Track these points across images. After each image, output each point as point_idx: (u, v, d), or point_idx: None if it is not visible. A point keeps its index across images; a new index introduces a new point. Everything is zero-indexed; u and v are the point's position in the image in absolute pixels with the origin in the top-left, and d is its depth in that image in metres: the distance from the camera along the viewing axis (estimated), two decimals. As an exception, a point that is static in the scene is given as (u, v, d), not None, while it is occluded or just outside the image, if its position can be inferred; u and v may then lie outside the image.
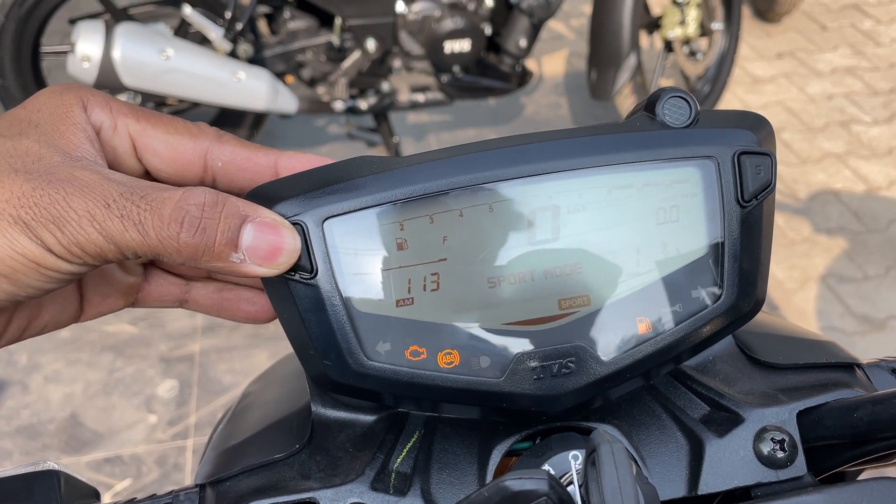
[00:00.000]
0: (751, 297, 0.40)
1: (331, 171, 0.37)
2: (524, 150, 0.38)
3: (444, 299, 0.38)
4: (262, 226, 0.34)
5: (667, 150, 0.38)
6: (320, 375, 0.38)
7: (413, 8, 2.28)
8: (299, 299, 0.37)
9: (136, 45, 2.09)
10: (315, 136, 2.89)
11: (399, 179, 0.36)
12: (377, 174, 0.37)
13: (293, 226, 0.36)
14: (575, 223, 0.38)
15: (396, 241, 0.37)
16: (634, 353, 0.39)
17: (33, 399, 1.96)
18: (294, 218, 0.36)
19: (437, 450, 0.42)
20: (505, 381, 0.38)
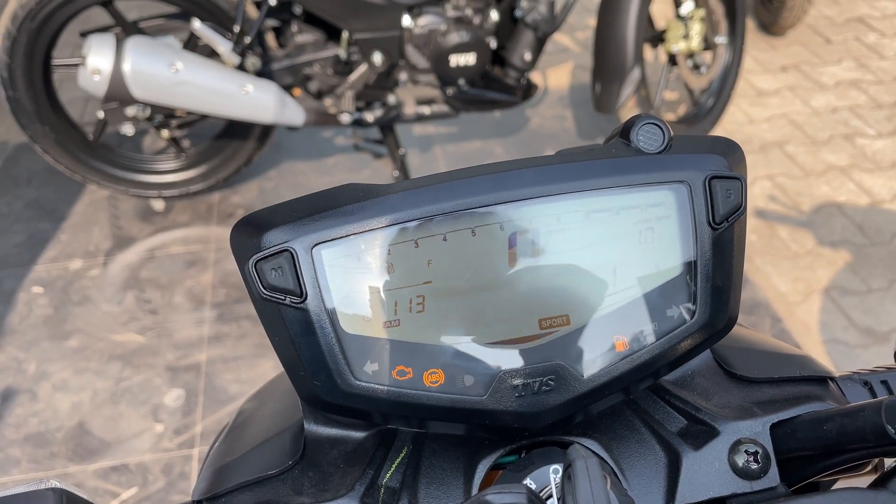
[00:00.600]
0: (724, 315, 0.42)
1: (319, 199, 0.39)
2: (504, 177, 0.40)
3: (430, 320, 0.39)
4: None
5: (641, 175, 0.40)
6: (311, 395, 0.40)
7: (419, 22, 2.31)
8: (289, 323, 0.38)
9: (146, 59, 2.12)
10: (322, 148, 2.92)
11: (385, 206, 0.38)
12: (364, 201, 0.39)
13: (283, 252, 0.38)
14: (554, 246, 0.40)
15: (383, 265, 0.39)
16: (612, 371, 0.41)
17: (41, 407, 1.99)
18: (284, 245, 0.38)
19: (424, 465, 0.44)
20: (488, 399, 0.40)
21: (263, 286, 0.38)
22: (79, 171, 2.45)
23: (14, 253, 2.46)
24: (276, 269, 0.38)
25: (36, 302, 2.29)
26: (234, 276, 2.35)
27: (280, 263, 0.38)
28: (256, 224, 0.39)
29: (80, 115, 3.02)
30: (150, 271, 2.39)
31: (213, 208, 2.63)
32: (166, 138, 2.49)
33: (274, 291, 0.38)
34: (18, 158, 2.86)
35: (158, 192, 2.57)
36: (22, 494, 0.42)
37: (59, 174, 2.73)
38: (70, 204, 2.66)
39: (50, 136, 2.35)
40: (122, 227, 2.56)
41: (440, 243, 0.39)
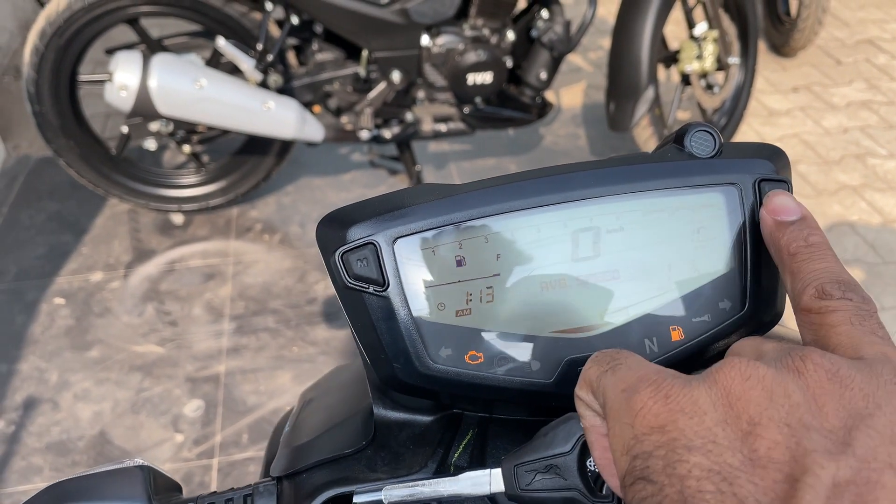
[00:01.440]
0: (771, 309, 0.45)
1: (398, 197, 0.43)
2: (568, 178, 0.43)
3: (498, 310, 0.42)
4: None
5: (695, 178, 0.43)
6: (390, 377, 0.43)
7: (437, 41, 2.35)
8: (372, 310, 0.42)
9: (171, 75, 2.17)
10: (339, 164, 2.96)
11: (458, 204, 0.42)
12: (439, 199, 0.42)
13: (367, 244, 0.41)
14: (614, 242, 0.43)
15: (456, 258, 0.42)
16: (669, 358, 0.43)
17: (63, 416, 2.01)
18: (367, 238, 0.41)
19: (490, 446, 0.47)
20: (554, 384, 0.43)
21: (349, 276, 0.41)
22: (101, 184, 2.49)
23: (36, 265, 2.49)
24: (361, 259, 0.41)
25: (58, 313, 2.32)
26: (252, 289, 2.39)
27: (365, 255, 0.41)
28: (341, 219, 0.42)
29: (102, 130, 3.07)
30: (170, 284, 2.42)
31: (232, 223, 2.67)
32: (187, 153, 2.53)
33: (358, 281, 0.41)
34: (41, 172, 2.91)
35: (178, 206, 2.61)
36: (112, 471, 0.45)
37: (79, 187, 2.77)
38: (91, 217, 2.70)
39: (74, 151, 2.40)
40: (143, 241, 2.60)
41: (508, 239, 0.42)
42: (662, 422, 0.29)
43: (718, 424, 0.28)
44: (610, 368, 0.33)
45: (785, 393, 0.28)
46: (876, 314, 0.34)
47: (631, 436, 0.29)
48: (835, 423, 0.27)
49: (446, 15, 2.30)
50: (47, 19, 2.15)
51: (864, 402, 0.27)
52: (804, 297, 0.35)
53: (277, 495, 0.47)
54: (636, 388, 0.30)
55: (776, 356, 0.30)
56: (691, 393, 0.29)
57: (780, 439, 0.27)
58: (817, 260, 0.37)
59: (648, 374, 0.31)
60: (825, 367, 0.29)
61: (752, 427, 0.27)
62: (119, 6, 2.16)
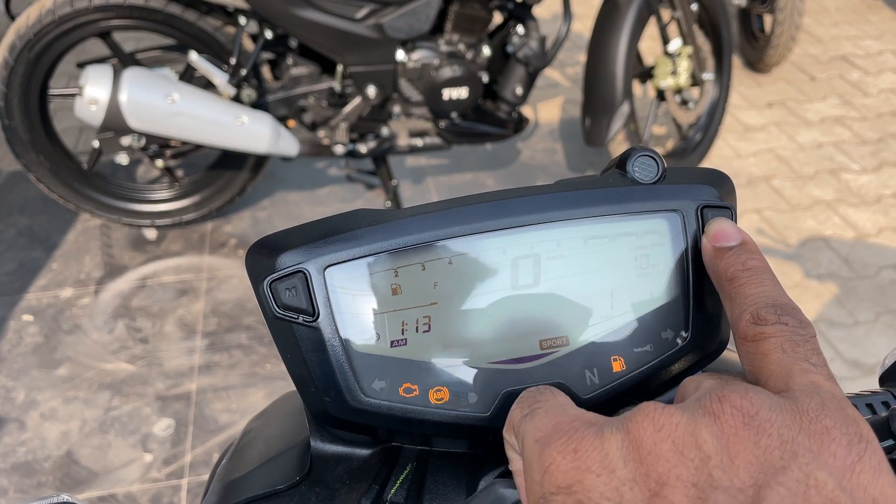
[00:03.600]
0: (715, 338, 0.44)
1: (331, 223, 0.41)
2: (508, 204, 0.42)
3: (435, 340, 0.41)
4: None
5: (636, 204, 0.42)
6: (321, 411, 0.42)
7: (413, 56, 2.35)
8: (302, 341, 0.40)
9: (142, 89, 2.15)
10: (315, 179, 2.94)
11: (394, 230, 0.40)
12: (373, 225, 0.40)
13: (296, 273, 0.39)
14: (554, 270, 0.42)
15: (391, 286, 0.40)
16: (609, 390, 0.42)
17: (29, 436, 1.97)
18: (297, 266, 0.39)
19: (428, 481, 0.45)
20: (491, 416, 0.41)
21: (277, 305, 0.40)
22: (72, 199, 2.46)
23: (5, 281, 2.45)
24: (290, 289, 0.39)
25: (26, 330, 2.28)
26: (225, 306, 2.36)
27: (294, 284, 0.39)
28: (271, 246, 0.40)
29: (75, 145, 3.03)
30: (142, 300, 2.39)
31: (206, 238, 2.64)
32: (160, 168, 2.51)
33: (287, 311, 0.40)
34: (11, 187, 2.87)
35: (151, 222, 2.58)
36: None
37: (52, 202, 2.74)
38: (62, 232, 2.66)
39: (44, 165, 2.37)
40: (114, 256, 2.56)
41: (446, 266, 0.41)
42: (570, 481, 0.27)
43: (626, 484, 0.27)
44: (530, 412, 0.32)
45: (696, 444, 0.27)
46: (813, 339, 0.33)
47: (539, 494, 0.28)
48: (745, 480, 0.26)
49: (421, 30, 2.30)
50: (17, 33, 2.13)
51: (780, 452, 0.26)
52: (741, 323, 0.35)
53: None
54: (548, 441, 0.29)
55: (698, 397, 0.29)
56: (602, 446, 0.28)
57: (687, 503, 0.25)
58: (754, 284, 0.36)
59: (562, 424, 0.30)
60: (743, 411, 0.28)
61: (660, 487, 0.26)
62: (90, 20, 2.14)
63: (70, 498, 0.44)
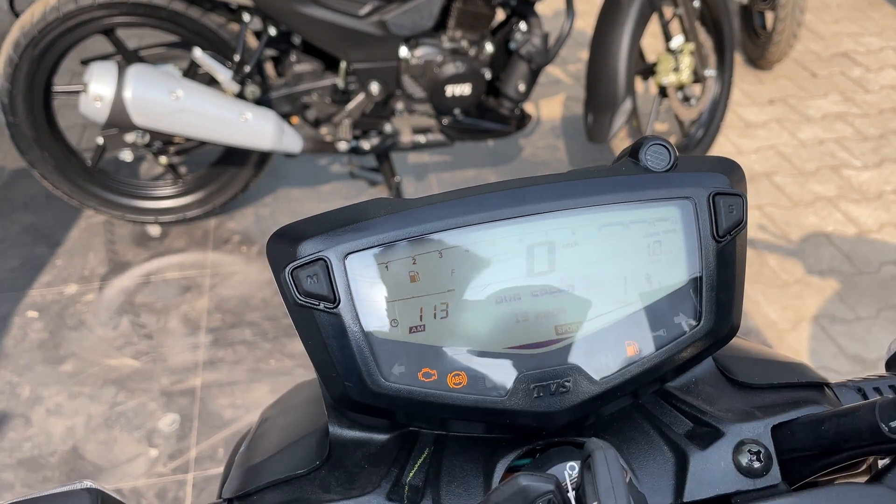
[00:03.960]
0: (727, 323, 0.45)
1: (351, 212, 0.42)
2: (523, 192, 0.42)
3: (453, 326, 0.42)
4: None
5: (649, 192, 0.43)
6: (342, 396, 0.42)
7: (416, 53, 2.36)
8: (323, 327, 0.41)
9: (147, 86, 2.16)
10: (318, 175, 2.95)
11: (412, 219, 0.41)
12: (392, 214, 0.41)
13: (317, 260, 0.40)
14: (569, 257, 0.43)
15: (409, 273, 0.41)
16: (623, 374, 0.43)
17: (35, 432, 1.98)
18: (318, 254, 0.40)
19: (446, 465, 0.46)
20: (508, 400, 0.42)
21: (299, 292, 0.41)
22: (76, 196, 2.47)
23: (9, 277, 2.46)
24: (311, 276, 0.40)
25: (31, 326, 2.29)
26: (229, 302, 2.37)
27: (315, 271, 0.40)
28: (292, 235, 0.41)
29: (78, 142, 3.04)
30: (146, 296, 2.40)
31: (210, 234, 2.65)
32: (164, 164, 2.51)
33: (309, 297, 0.40)
34: (15, 183, 2.88)
35: (155, 218, 2.58)
36: (58, 494, 0.44)
37: (55, 199, 2.75)
38: (66, 229, 2.67)
39: (49, 162, 2.38)
40: (118, 253, 2.57)
41: (463, 253, 0.42)
42: None
43: None
44: None
45: None
46: None
47: None
48: None
49: (424, 27, 2.31)
50: (21, 30, 2.13)
51: None
52: None
53: None
54: None
55: None
56: None
57: None
58: None
59: None
60: None
61: None
62: (94, 17, 2.15)
63: (93, 484, 0.45)
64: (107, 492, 0.46)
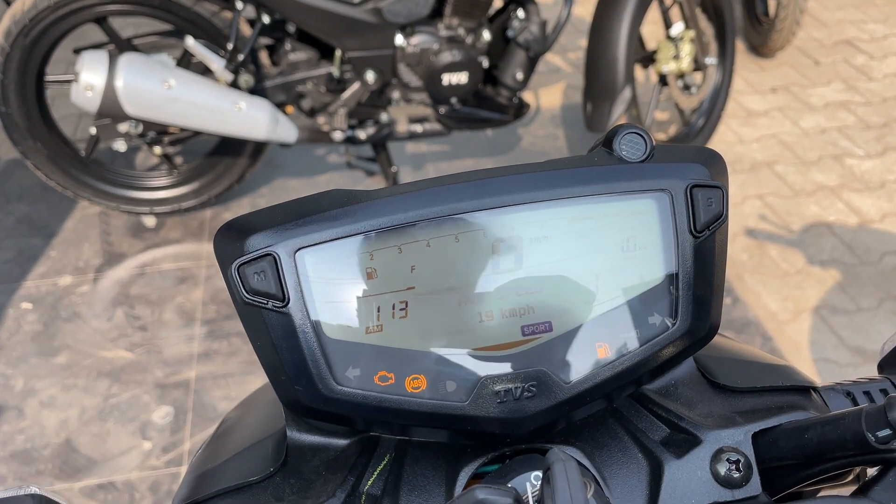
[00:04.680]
0: (705, 323, 0.42)
1: (303, 204, 0.39)
2: (488, 184, 0.40)
3: (412, 326, 0.40)
4: None
5: (623, 184, 0.41)
6: (293, 401, 0.40)
7: (412, 41, 2.32)
8: (272, 327, 0.38)
9: (138, 75, 2.13)
10: (314, 166, 2.92)
11: (368, 212, 0.39)
12: (347, 206, 0.39)
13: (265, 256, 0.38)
14: (537, 253, 0.40)
15: (366, 270, 0.39)
16: (594, 377, 0.41)
17: (28, 424, 1.97)
18: (266, 249, 0.38)
19: (406, 472, 0.44)
20: (470, 405, 0.40)
21: (246, 290, 0.38)
22: (70, 187, 2.45)
23: (3, 269, 2.44)
24: (258, 273, 0.38)
25: (25, 318, 2.28)
26: (224, 293, 2.35)
27: (263, 268, 0.38)
28: (240, 228, 0.39)
29: (73, 132, 3.02)
30: (141, 288, 2.38)
31: (205, 225, 2.63)
32: (158, 155, 2.49)
33: (256, 296, 0.38)
34: (10, 174, 2.86)
35: (150, 209, 2.56)
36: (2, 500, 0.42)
37: (50, 190, 2.73)
38: (61, 220, 2.65)
39: (42, 152, 2.35)
40: (113, 244, 2.55)
41: (424, 249, 0.39)
42: None
43: None
44: None
45: None
46: None
47: None
48: None
49: (420, 14, 2.27)
50: (12, 18, 2.11)
51: None
52: None
53: None
54: None
55: None
56: None
57: None
58: None
59: None
60: None
61: None
62: (86, 5, 2.12)
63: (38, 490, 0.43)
64: (51, 497, 0.44)
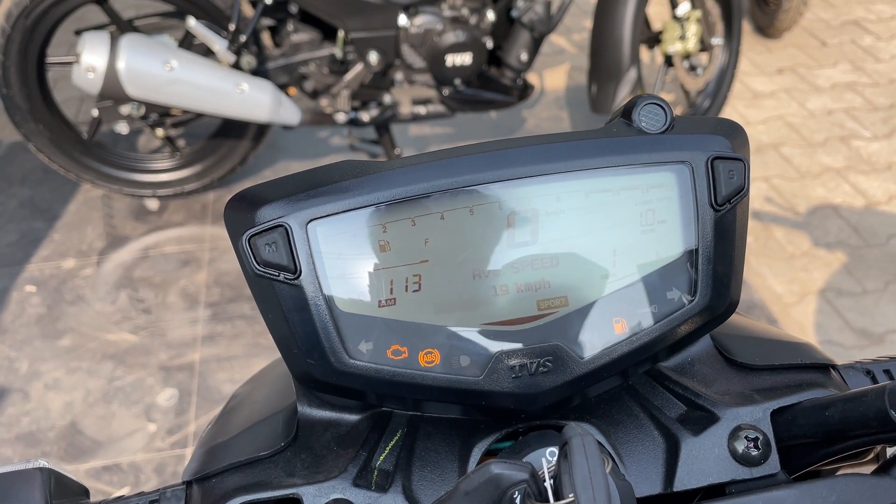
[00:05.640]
0: (724, 299, 0.41)
1: (315, 175, 0.39)
2: (504, 155, 0.39)
3: (426, 300, 0.39)
4: None
5: (642, 156, 0.39)
6: (304, 374, 0.39)
7: (415, 21, 2.30)
8: (283, 299, 0.38)
9: (140, 57, 2.11)
10: (317, 148, 2.91)
11: (382, 183, 0.38)
12: (360, 177, 0.38)
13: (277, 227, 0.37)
14: (553, 226, 0.39)
15: (379, 242, 0.38)
16: (610, 353, 0.40)
17: (33, 406, 1.97)
18: (278, 220, 0.37)
19: (419, 448, 0.43)
20: (484, 380, 0.39)
21: (257, 262, 0.38)
22: (73, 169, 2.44)
23: (7, 252, 2.44)
24: (270, 244, 0.37)
25: (28, 301, 2.28)
26: (228, 276, 2.34)
27: (274, 239, 0.37)
28: (251, 200, 0.38)
29: (76, 115, 3.00)
30: (144, 270, 2.38)
31: (208, 208, 2.62)
32: (161, 137, 2.48)
33: (268, 267, 0.37)
34: (12, 157, 2.85)
35: (153, 192, 2.55)
36: (10, 473, 0.41)
37: (53, 173, 2.72)
38: (64, 203, 2.64)
39: (44, 135, 2.34)
40: (116, 227, 2.54)
41: (437, 222, 0.38)
42: None
43: None
44: None
45: None
46: None
47: None
48: None
49: (424, -6, 2.25)
50: (14, 0, 2.09)
51: None
52: None
53: (186, 500, 0.44)
54: None
55: None
56: None
57: None
58: None
59: None
60: None
61: None
62: (86, -15, 2.10)
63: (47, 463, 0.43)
64: (60, 472, 0.43)
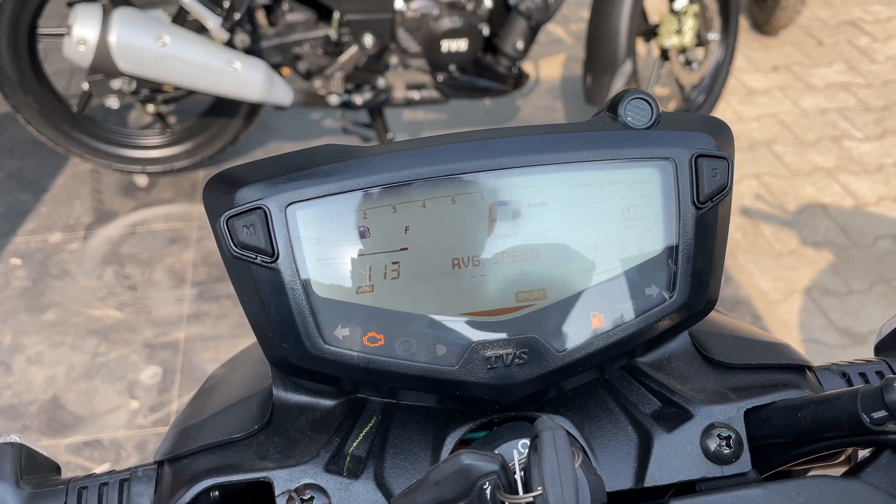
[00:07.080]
0: (703, 297, 0.41)
1: (296, 158, 0.38)
2: (487, 145, 0.39)
3: (404, 288, 0.39)
4: None
5: (626, 150, 0.39)
6: (279, 358, 0.39)
7: (412, 5, 2.29)
8: (260, 282, 0.37)
9: (132, 31, 2.09)
10: (309, 130, 2.89)
11: (363, 168, 0.37)
12: (342, 162, 0.37)
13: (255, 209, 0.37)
14: (535, 218, 0.39)
15: (359, 228, 0.38)
16: (587, 347, 0.40)
17: (15, 380, 1.96)
18: (256, 202, 0.37)
19: (392, 435, 0.43)
20: (459, 370, 0.39)
21: (234, 244, 0.37)
22: (62, 143, 2.42)
23: (-7, 223, 2.42)
24: (248, 226, 0.37)
25: (13, 274, 2.26)
26: (216, 255, 2.33)
27: (252, 221, 0.37)
28: (230, 180, 0.38)
29: (66, 88, 2.97)
30: (131, 247, 2.36)
31: (198, 186, 2.61)
32: (152, 113, 2.46)
33: (245, 249, 0.37)
34: (1, 129, 2.82)
35: (142, 168, 2.54)
36: None
37: (41, 146, 2.69)
38: (52, 176, 2.62)
39: (33, 107, 2.32)
40: (104, 202, 2.53)
41: (418, 210, 0.38)
42: None
43: None
44: None
45: None
46: None
47: None
48: None
49: (421, -22, 2.24)
50: (4, -32, 2.06)
51: None
52: None
53: (157, 480, 0.44)
54: None
55: None
56: None
57: None
58: None
59: None
60: None
61: None
62: (79, -44, 2.08)
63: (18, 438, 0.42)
64: (32, 447, 0.43)
